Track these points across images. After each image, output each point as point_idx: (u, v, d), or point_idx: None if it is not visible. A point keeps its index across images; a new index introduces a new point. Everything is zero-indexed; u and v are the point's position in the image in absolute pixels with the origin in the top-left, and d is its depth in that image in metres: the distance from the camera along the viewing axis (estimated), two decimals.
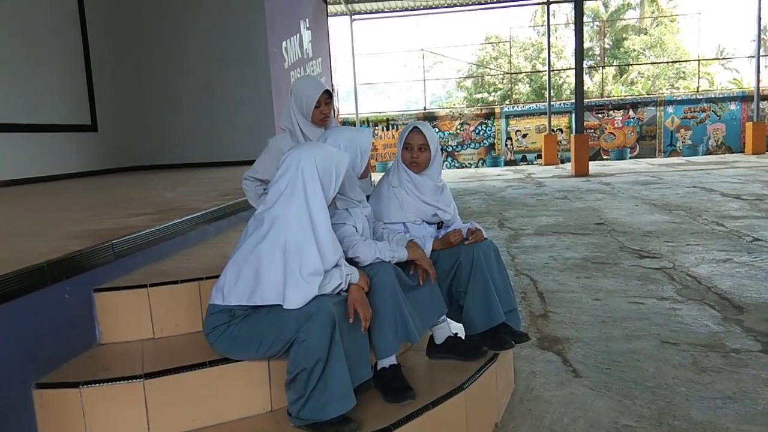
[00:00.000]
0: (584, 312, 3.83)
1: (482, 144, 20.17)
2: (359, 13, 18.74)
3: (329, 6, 14.45)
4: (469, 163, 20.21)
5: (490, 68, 29.48)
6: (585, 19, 18.15)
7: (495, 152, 20.12)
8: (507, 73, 27.14)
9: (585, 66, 20.02)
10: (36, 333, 1.99)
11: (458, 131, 20.17)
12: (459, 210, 2.83)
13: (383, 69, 48.11)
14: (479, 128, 20.13)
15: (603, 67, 25.74)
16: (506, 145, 20.10)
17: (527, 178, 14.22)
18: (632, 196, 9.43)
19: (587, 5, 27.28)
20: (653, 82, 27.78)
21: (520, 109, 20.42)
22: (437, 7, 18.82)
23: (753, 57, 18.53)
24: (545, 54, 20.41)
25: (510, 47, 27.17)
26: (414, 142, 2.61)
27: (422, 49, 23.66)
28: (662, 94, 21.23)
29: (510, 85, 26.71)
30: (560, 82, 27.40)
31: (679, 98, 19.77)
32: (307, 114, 2.74)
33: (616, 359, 3.05)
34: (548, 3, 18.80)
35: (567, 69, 25.91)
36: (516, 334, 2.58)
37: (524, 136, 20.04)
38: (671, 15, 29.05)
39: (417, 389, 2.16)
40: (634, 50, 29.04)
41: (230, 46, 8.81)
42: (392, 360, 2.22)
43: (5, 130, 6.38)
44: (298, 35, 10.60)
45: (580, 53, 13.64)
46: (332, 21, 15.56)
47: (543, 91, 24.13)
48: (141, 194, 5.04)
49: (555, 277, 4.72)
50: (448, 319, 2.58)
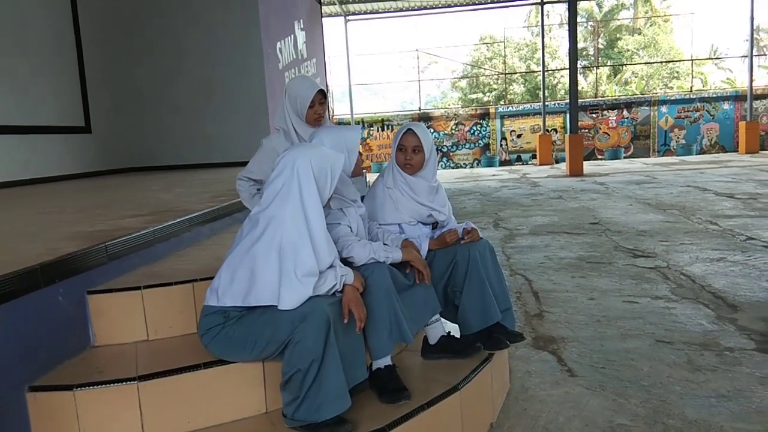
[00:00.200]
0: (579, 311, 3.83)
1: (477, 144, 20.20)
2: (353, 14, 18.74)
3: (323, 7, 14.46)
4: (464, 164, 20.24)
5: (485, 68, 29.53)
6: (579, 20, 18.24)
7: (490, 152, 20.15)
8: (502, 74, 27.20)
9: (579, 66, 20.05)
10: (29, 335, 1.98)
11: (453, 131, 20.20)
12: (454, 210, 2.84)
13: (378, 70, 48.33)
14: (474, 128, 20.16)
15: (597, 67, 25.87)
16: (501, 146, 20.14)
17: (522, 178, 14.25)
18: (626, 196, 9.46)
19: (581, 5, 27.37)
20: (647, 82, 27.88)
21: (515, 110, 20.47)
22: (431, 8, 18.83)
23: (746, 56, 18.64)
24: (540, 54, 20.46)
25: (504, 47, 27.24)
26: (408, 144, 2.60)
27: (417, 50, 23.73)
28: (656, 94, 21.30)
29: (505, 86, 26.79)
30: (555, 83, 27.44)
31: (673, 98, 19.85)
32: (301, 114, 2.73)
33: (611, 358, 3.05)
34: (542, 3, 18.84)
35: (561, 69, 25.97)
36: (511, 334, 2.59)
37: (519, 137, 20.08)
38: (665, 15, 29.18)
39: (412, 390, 2.16)
40: (628, 50, 29.14)
41: (225, 47, 8.80)
42: (387, 361, 2.22)
43: None
44: (293, 36, 10.59)
45: (574, 53, 13.69)
46: (326, 22, 15.54)
47: (537, 92, 24.21)
48: (135, 196, 5.03)
49: (550, 277, 4.73)
50: (442, 319, 2.58)
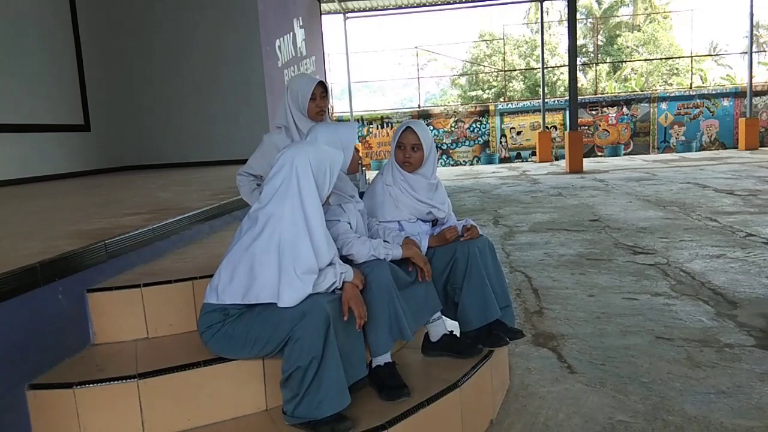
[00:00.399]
0: (579, 308, 3.84)
1: (477, 141, 20.20)
2: (352, 11, 18.69)
3: (322, 4, 14.43)
4: (464, 161, 20.24)
5: (484, 66, 29.49)
6: (578, 16, 18.20)
7: (489, 150, 20.14)
8: (501, 71, 27.17)
9: (579, 63, 20.02)
10: (29, 333, 1.98)
11: (453, 129, 20.19)
12: (454, 208, 2.83)
13: (377, 67, 48.25)
14: (474, 126, 20.16)
15: (597, 64, 25.82)
16: (501, 143, 20.14)
17: (522, 176, 14.24)
18: (626, 193, 9.46)
19: (580, 2, 27.36)
20: (647, 79, 27.86)
21: (515, 107, 20.45)
22: (431, 5, 18.78)
23: (746, 53, 18.61)
24: (539, 51, 20.44)
25: (504, 44, 27.20)
26: (407, 142, 2.60)
27: (416, 47, 23.67)
28: (656, 91, 21.28)
29: (504, 83, 26.74)
30: (554, 80, 27.41)
31: (673, 95, 19.84)
32: (303, 108, 2.74)
33: (611, 355, 3.06)
34: (542, 0, 18.81)
35: (561, 66, 25.96)
36: (511, 331, 2.59)
37: (519, 134, 20.07)
38: (664, 12, 29.15)
39: (412, 387, 2.16)
40: (628, 47, 29.10)
41: (223, 45, 8.79)
42: (387, 358, 2.22)
43: None
44: (292, 33, 10.58)
45: (574, 50, 13.67)
46: (325, 19, 15.52)
47: (537, 89, 24.17)
48: (134, 194, 5.02)
49: (549, 274, 4.73)
50: (443, 317, 2.58)
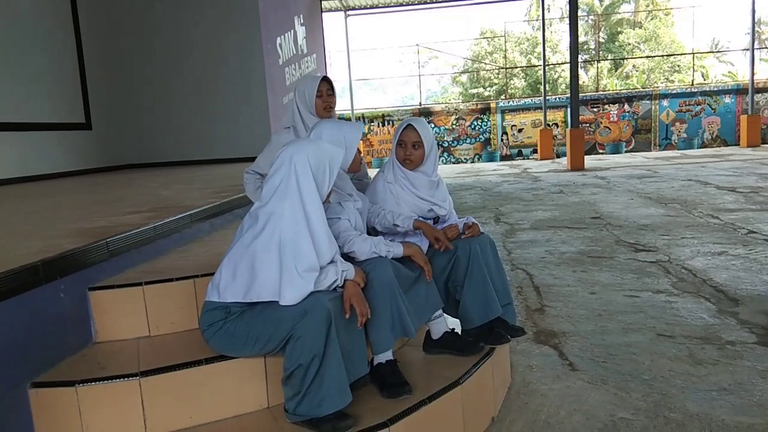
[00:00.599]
0: (580, 306, 3.83)
1: (478, 139, 20.17)
2: (353, 9, 18.65)
3: (323, 2, 14.41)
4: (465, 159, 20.21)
5: (486, 63, 29.46)
6: (580, 13, 18.18)
7: (491, 147, 20.12)
8: (502, 68, 27.13)
9: (580, 60, 20.00)
10: (31, 332, 1.99)
11: (454, 126, 20.17)
12: (455, 205, 2.84)
13: (378, 65, 48.25)
14: (475, 123, 20.13)
15: (598, 61, 25.80)
16: (502, 140, 20.11)
17: (523, 173, 14.23)
18: (628, 190, 9.44)
19: None
20: (648, 76, 27.81)
21: (516, 104, 20.41)
22: (432, 2, 18.76)
23: (747, 50, 18.57)
24: (540, 48, 20.41)
25: (505, 42, 27.15)
26: (408, 140, 2.60)
27: (417, 45, 23.73)
28: (657, 88, 21.24)
29: (505, 80, 26.72)
30: (555, 77, 27.38)
31: (674, 92, 19.79)
32: (311, 105, 2.80)
33: (612, 352, 3.06)
34: None
35: (562, 63, 25.92)
36: (512, 329, 2.59)
37: (520, 131, 20.04)
38: (666, 8, 29.07)
39: (413, 384, 2.17)
40: (629, 44, 29.04)
41: (224, 43, 8.78)
42: (389, 355, 2.22)
43: None
44: (293, 31, 10.57)
45: (575, 47, 13.64)
46: (326, 17, 15.50)
47: (538, 86, 24.15)
48: (135, 192, 5.03)
49: (551, 272, 4.73)
50: (445, 314, 2.58)
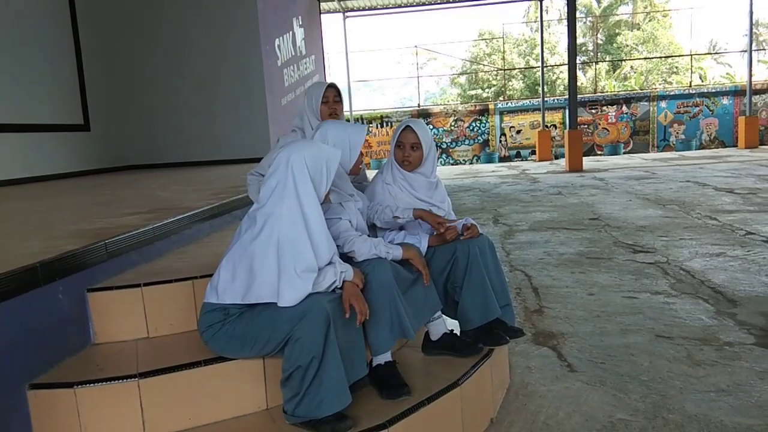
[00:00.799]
0: (579, 307, 3.84)
1: (476, 140, 20.18)
2: (352, 10, 18.65)
3: (322, 3, 14.42)
4: (464, 160, 20.22)
5: (484, 64, 29.48)
6: (578, 15, 18.18)
7: (489, 149, 20.13)
8: (500, 70, 27.16)
9: (578, 61, 20.01)
10: (30, 333, 1.98)
11: (452, 128, 20.18)
12: (454, 207, 2.84)
13: (377, 66, 48.27)
14: (473, 125, 20.14)
15: (596, 63, 25.85)
16: (500, 142, 20.13)
17: (521, 175, 14.24)
18: (626, 191, 9.46)
19: (580, 1, 27.33)
20: (646, 78, 27.85)
21: (514, 106, 20.44)
22: (430, 4, 18.76)
23: (745, 51, 18.60)
24: (539, 50, 20.43)
25: (503, 43, 27.19)
26: (406, 141, 2.60)
27: (416, 46, 23.73)
28: (655, 89, 21.27)
29: (504, 82, 26.74)
30: (554, 78, 27.40)
31: (672, 93, 19.83)
32: (316, 110, 2.87)
33: (611, 354, 3.06)
34: None
35: (560, 65, 25.94)
36: (511, 330, 2.59)
37: (518, 133, 20.06)
38: (664, 10, 29.12)
39: (412, 385, 2.17)
40: (627, 45, 29.09)
41: (223, 44, 8.79)
42: (387, 357, 2.22)
43: None
44: (291, 33, 10.58)
45: (573, 49, 13.66)
46: (325, 18, 15.51)
47: (537, 87, 24.16)
48: (134, 193, 5.02)
49: (549, 273, 4.73)
50: (444, 316, 2.59)
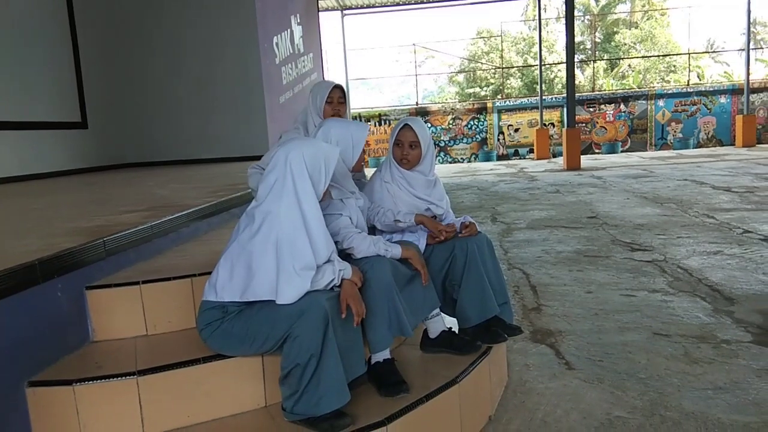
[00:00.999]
0: (577, 305, 3.85)
1: (474, 139, 20.18)
2: (350, 8, 18.65)
3: (320, 1, 14.41)
4: (462, 158, 20.22)
5: (482, 63, 29.47)
6: (576, 13, 18.17)
7: (487, 147, 20.13)
8: (499, 68, 27.13)
9: (576, 60, 20.04)
10: (28, 331, 1.98)
11: (450, 126, 20.17)
12: (452, 205, 2.84)
13: (375, 64, 48.19)
14: (471, 123, 20.14)
15: (594, 61, 25.81)
16: (498, 140, 20.12)
17: (519, 173, 14.25)
18: (624, 190, 9.47)
19: None
20: (644, 76, 27.85)
21: (512, 104, 20.42)
22: (428, 2, 18.77)
23: (743, 50, 18.62)
24: (537, 48, 20.42)
25: (501, 41, 27.14)
26: (405, 139, 2.60)
27: (414, 44, 23.62)
28: (653, 88, 21.28)
29: (502, 80, 26.73)
30: (552, 77, 27.41)
31: (670, 92, 19.84)
32: (320, 110, 2.83)
33: (609, 351, 3.07)
34: None
35: (558, 63, 25.94)
36: (509, 328, 2.60)
37: (516, 131, 20.06)
38: (661, 9, 29.13)
39: (411, 383, 2.17)
40: (625, 44, 29.09)
41: (221, 42, 8.77)
42: (386, 354, 2.23)
43: None
44: (289, 30, 10.56)
45: (572, 47, 13.66)
46: (323, 16, 15.50)
47: (535, 86, 24.16)
48: (132, 191, 5.02)
49: (547, 271, 4.74)
50: (442, 314, 2.59)
